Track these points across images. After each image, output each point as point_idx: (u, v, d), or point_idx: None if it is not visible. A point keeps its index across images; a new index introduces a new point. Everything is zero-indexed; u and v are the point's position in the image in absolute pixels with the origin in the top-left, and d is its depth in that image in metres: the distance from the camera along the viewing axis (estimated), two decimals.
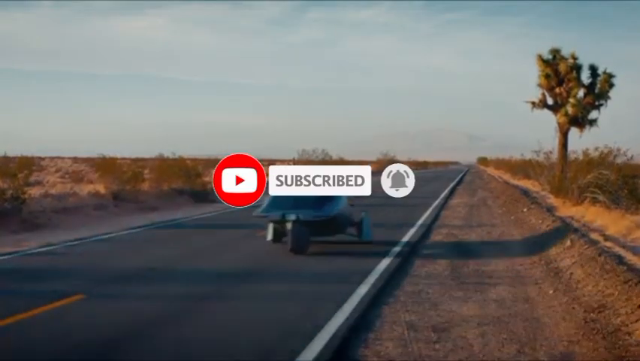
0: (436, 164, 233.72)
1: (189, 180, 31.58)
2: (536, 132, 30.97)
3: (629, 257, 10.61)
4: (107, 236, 16.88)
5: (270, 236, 14.07)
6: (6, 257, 13.29)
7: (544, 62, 26.19)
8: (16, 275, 11.29)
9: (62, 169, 71.87)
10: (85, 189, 33.86)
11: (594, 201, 21.83)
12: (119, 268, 11.84)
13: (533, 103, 26.73)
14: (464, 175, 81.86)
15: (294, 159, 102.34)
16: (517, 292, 9.91)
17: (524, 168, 53.59)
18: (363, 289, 10.10)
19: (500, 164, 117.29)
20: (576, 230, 14.79)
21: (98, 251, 14.32)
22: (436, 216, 22.52)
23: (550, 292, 9.74)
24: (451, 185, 48.81)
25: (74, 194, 25.00)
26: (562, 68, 25.93)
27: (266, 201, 13.36)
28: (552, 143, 27.54)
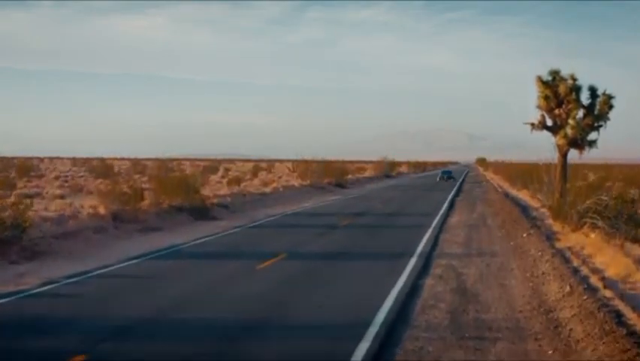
0: (436, 164, 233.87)
1: (188, 196, 31.50)
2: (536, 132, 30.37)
3: (629, 315, 10.63)
4: (107, 270, 16.86)
5: (438, 179, 77.33)
6: (5, 300, 13.27)
7: (544, 83, 26.20)
8: (15, 328, 11.25)
9: (61, 175, 71.89)
10: (85, 203, 33.86)
11: (593, 226, 21.89)
12: (120, 317, 11.79)
13: (532, 124, 26.79)
14: (463, 181, 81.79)
15: (292, 164, 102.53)
16: (517, 350, 9.93)
17: (523, 177, 53.68)
18: (363, 346, 10.09)
19: (499, 167, 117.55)
20: (575, 270, 14.83)
21: (98, 291, 14.29)
22: (435, 242, 22.49)
23: (550, 352, 9.77)
24: (450, 196, 48.82)
25: (74, 216, 24.93)
26: (561, 89, 25.96)
27: (439, 174, 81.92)
28: (551, 143, 27.22)
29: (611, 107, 26.16)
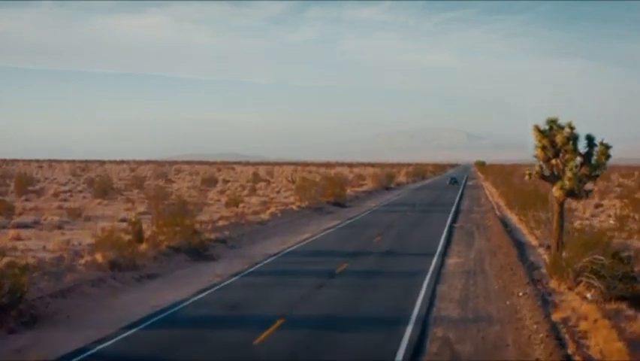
0: (435, 168, 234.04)
1: (186, 235, 31.55)
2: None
3: None
4: (104, 345, 16.89)
5: (448, 183, 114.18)
6: None
7: (541, 132, 26.26)
8: None
9: (60, 192, 71.93)
10: (83, 240, 33.98)
11: (589, 285, 22.03)
12: None
13: (530, 175, 26.83)
14: (462, 195, 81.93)
15: (292, 175, 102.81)
16: None
17: (521, 199, 53.81)
18: None
19: (497, 176, 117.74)
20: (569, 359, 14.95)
21: None
22: (431, 299, 22.49)
23: None
24: (448, 221, 48.94)
25: (72, 268, 25.01)
26: (558, 139, 26.00)
27: (448, 179, 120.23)
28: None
29: (608, 157, 26.22)
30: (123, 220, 43.82)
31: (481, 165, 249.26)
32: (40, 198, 64.29)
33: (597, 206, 60.58)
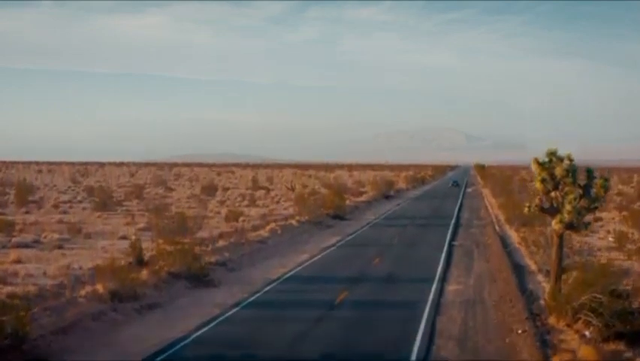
0: (435, 171, 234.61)
1: (186, 261, 31.66)
2: (534, 131, 30.47)
3: None
4: None
5: (450, 185, 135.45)
6: None
7: (540, 164, 26.35)
8: None
9: (60, 203, 72.05)
10: (84, 264, 34.11)
11: (588, 323, 22.14)
12: None
13: (529, 207, 26.92)
14: (461, 206, 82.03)
15: (292, 182, 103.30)
16: None
17: (522, 217, 53.92)
18: None
19: (496, 183, 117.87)
20: None
21: None
22: (430, 335, 22.51)
23: None
24: (448, 238, 49.10)
25: (73, 300, 25.10)
26: (558, 171, 26.09)
27: (450, 182, 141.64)
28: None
29: (606, 190, 26.34)
30: (123, 238, 44.03)
31: (480, 168, 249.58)
32: (40, 210, 64.47)
33: (596, 219, 60.53)
